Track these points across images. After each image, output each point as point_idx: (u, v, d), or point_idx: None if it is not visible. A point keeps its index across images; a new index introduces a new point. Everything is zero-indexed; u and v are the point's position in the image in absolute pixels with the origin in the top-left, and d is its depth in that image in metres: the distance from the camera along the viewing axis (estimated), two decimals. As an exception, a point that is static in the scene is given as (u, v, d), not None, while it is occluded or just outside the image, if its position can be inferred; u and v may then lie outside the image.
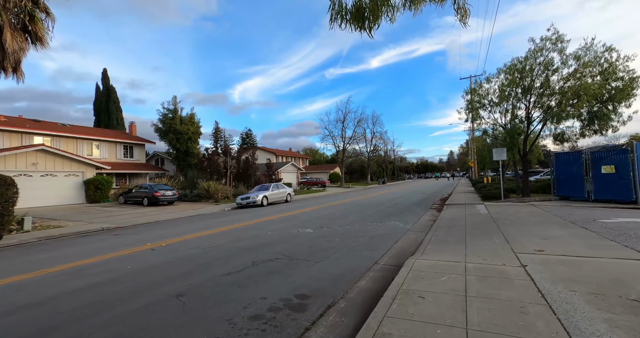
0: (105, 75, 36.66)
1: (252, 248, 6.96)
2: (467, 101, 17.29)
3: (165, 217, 14.62)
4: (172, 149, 30.31)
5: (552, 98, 13.84)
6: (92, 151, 26.32)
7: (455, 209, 13.56)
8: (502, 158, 15.81)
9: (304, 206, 17.66)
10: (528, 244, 6.16)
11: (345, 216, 12.60)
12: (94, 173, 21.40)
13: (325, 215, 13.26)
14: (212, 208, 18.44)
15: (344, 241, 7.58)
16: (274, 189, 20.49)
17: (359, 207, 16.10)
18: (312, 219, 11.85)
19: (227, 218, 13.58)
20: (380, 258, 6.09)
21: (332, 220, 11.60)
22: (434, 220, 10.89)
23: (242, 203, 18.50)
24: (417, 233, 8.71)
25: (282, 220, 12.12)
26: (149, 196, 18.81)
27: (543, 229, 7.66)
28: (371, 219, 11.51)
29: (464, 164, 73.85)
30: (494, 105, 16.55)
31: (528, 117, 15.03)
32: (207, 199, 21.36)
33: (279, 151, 58.74)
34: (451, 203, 15.91)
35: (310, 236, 8.27)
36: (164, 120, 29.71)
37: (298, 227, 9.89)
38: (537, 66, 13.91)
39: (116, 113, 36.31)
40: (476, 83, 16.96)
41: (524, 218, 9.56)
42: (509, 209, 12.19)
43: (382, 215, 12.79)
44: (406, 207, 15.58)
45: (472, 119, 17.68)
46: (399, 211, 13.80)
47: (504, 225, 8.58)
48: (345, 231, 8.97)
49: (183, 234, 9.37)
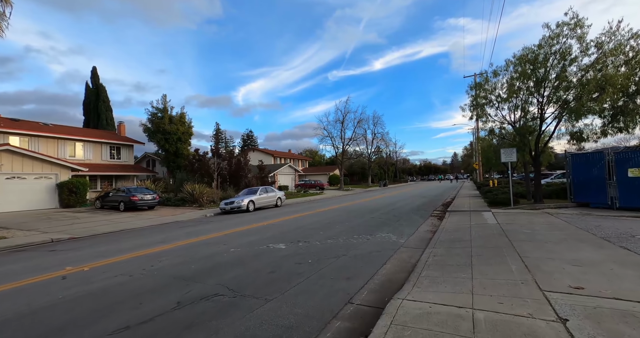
0: (94, 73, 35.35)
1: (194, 276, 5.39)
2: (472, 97, 15.66)
3: (135, 225, 13.14)
4: (161, 150, 28.93)
5: (569, 92, 12.20)
6: (75, 152, 24.97)
7: (458, 217, 11.95)
8: (511, 159, 14.17)
9: (292, 212, 16.11)
10: (558, 274, 4.56)
11: (331, 225, 11.03)
12: (69, 175, 19.97)
13: (310, 223, 11.69)
14: (193, 213, 16.94)
15: (317, 264, 6.01)
16: (262, 193, 18.96)
17: (351, 214, 14.52)
18: (293, 230, 10.29)
19: (199, 227, 12.05)
20: (357, 292, 4.52)
21: (315, 230, 10.03)
22: (434, 232, 9.29)
23: (225, 208, 16.98)
24: (411, 251, 7.12)
25: (258, 230, 10.57)
26: (126, 201, 17.34)
27: (571, 249, 6.04)
28: (361, 229, 9.93)
29: (468, 166, 71.97)
30: (502, 101, 14.92)
31: (541, 114, 13.38)
32: (191, 204, 19.88)
33: (277, 153, 57.31)
34: (454, 210, 14.28)
35: (278, 256, 6.70)
36: (153, 120, 28.34)
37: (270, 241, 8.32)
38: (552, 56, 12.28)
39: (106, 113, 34.95)
40: (482, 77, 15.34)
41: (542, 232, 7.93)
42: (521, 218, 10.56)
43: (375, 223, 11.20)
44: (404, 214, 13.97)
45: (477, 116, 16.05)
46: (394, 219, 12.20)
47: (518, 241, 6.97)
48: (325, 248, 7.41)
49: (130, 250, 7.84)
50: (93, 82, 35.37)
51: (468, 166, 74.03)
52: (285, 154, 58.41)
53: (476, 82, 15.56)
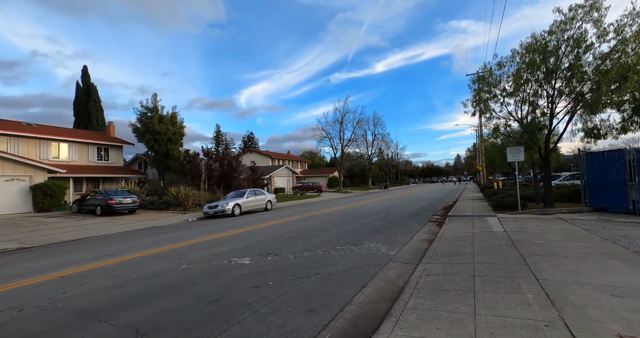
0: (85, 72, 34.35)
1: (106, 310, 4.09)
2: (474, 91, 14.42)
3: (105, 231, 11.98)
4: (150, 151, 27.85)
5: (584, 83, 10.92)
6: (59, 153, 23.92)
7: (460, 223, 10.66)
8: (518, 159, 12.87)
9: (280, 217, 14.88)
10: (595, 310, 3.29)
11: (316, 233, 9.78)
12: (45, 177, 18.85)
13: (293, 230, 10.45)
14: (174, 218, 15.76)
15: (279, 287, 4.77)
16: (249, 195, 17.75)
17: (343, 219, 13.26)
18: (271, 238, 9.05)
19: (170, 234, 10.86)
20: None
21: (295, 239, 8.79)
22: (431, 241, 8.02)
23: (209, 212, 15.78)
24: (401, 267, 5.87)
25: (232, 238, 9.34)
26: (102, 205, 16.17)
27: (602, 268, 4.76)
28: (348, 238, 8.68)
29: (471, 168, 70.43)
30: (508, 95, 13.66)
31: (551, 109, 12.10)
32: (175, 208, 18.70)
33: (275, 154, 56.16)
34: (455, 214, 12.99)
35: (236, 275, 5.46)
36: (142, 119, 27.29)
37: (237, 254, 7.07)
38: (564, 42, 11.02)
39: (97, 113, 33.92)
40: (485, 69, 14.08)
41: (559, 243, 6.64)
42: (531, 225, 9.26)
43: (366, 231, 9.95)
44: (400, 219, 12.69)
45: (480, 112, 14.78)
46: (388, 226, 10.93)
47: (532, 256, 5.69)
48: (297, 263, 6.16)
49: (65, 266, 6.62)
50: (84, 82, 34.35)
51: (471, 167, 72.48)
52: (284, 156, 57.26)
53: (479, 76, 14.30)
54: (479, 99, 14.33)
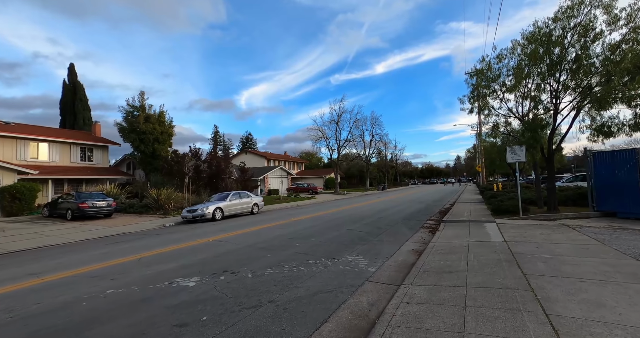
0: (72, 70, 33.26)
1: None
2: (472, 86, 13.37)
3: (67, 239, 10.95)
4: (136, 152, 26.80)
5: (592, 75, 9.87)
6: (39, 153, 22.85)
7: (455, 230, 9.60)
8: (519, 159, 11.80)
9: (262, 222, 13.84)
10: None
11: (291, 242, 8.73)
12: (14, 178, 17.78)
13: (267, 239, 9.39)
14: (150, 223, 14.71)
15: (212, 325, 3.72)
16: (233, 198, 16.69)
17: (328, 224, 12.21)
18: (236, 250, 7.96)
19: (134, 243, 9.81)
20: None
21: (264, 251, 7.74)
22: (420, 253, 6.97)
23: (187, 216, 14.73)
24: (379, 290, 4.82)
25: (192, 250, 8.28)
26: (73, 208, 15.09)
27: (628, 297, 3.71)
28: (326, 249, 7.63)
29: (471, 169, 69.34)
30: (508, 90, 12.63)
31: (555, 104, 11.06)
32: (155, 211, 17.64)
33: (271, 155, 55.13)
34: (451, 219, 11.93)
35: (163, 307, 4.35)
36: (128, 118, 26.24)
37: (184, 273, 5.95)
38: (570, 31, 9.99)
39: (83, 112, 32.81)
40: (483, 62, 13.04)
41: (569, 259, 5.59)
42: (534, 233, 8.20)
43: (349, 239, 8.90)
44: (391, 225, 11.64)
45: (479, 109, 13.77)
46: (376, 233, 9.88)
47: (538, 277, 4.64)
48: (252, 285, 5.11)
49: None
50: (70, 80, 33.25)
51: (471, 168, 71.43)
52: (280, 157, 56.21)
53: (477, 70, 13.26)
54: (477, 95, 13.30)
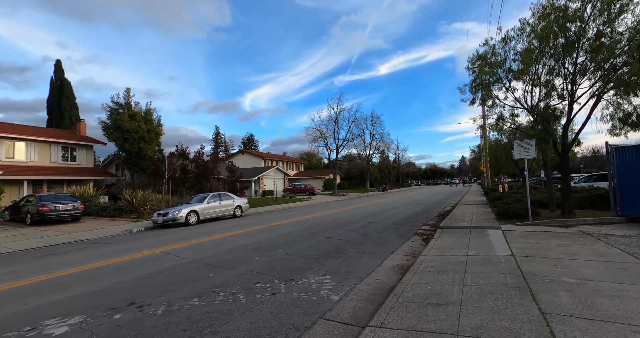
0: (58, 67, 32.10)
1: None
2: (474, 73, 11.81)
3: (9, 248, 9.59)
4: (121, 151, 25.53)
5: (617, 55, 8.28)
6: (14, 152, 21.63)
7: (452, 238, 8.05)
8: (528, 155, 10.20)
9: (238, 227, 12.41)
10: None
11: (251, 256, 7.26)
12: (-23, 179, 16.63)
13: (222, 252, 7.92)
14: (118, 227, 13.34)
15: None
16: (212, 200, 15.26)
17: (308, 230, 10.72)
18: (172, 268, 6.45)
19: (63, 257, 8.42)
20: None
21: (208, 269, 6.27)
22: (405, 271, 5.45)
23: (158, 220, 13.33)
24: (334, 335, 3.31)
25: (116, 269, 6.82)
26: (33, 212, 13.77)
27: None
28: (288, 265, 6.15)
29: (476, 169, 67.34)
30: (515, 77, 11.06)
31: (571, 91, 9.47)
32: (129, 214, 16.28)
33: (269, 155, 53.76)
34: (450, 225, 10.35)
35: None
36: (112, 116, 24.98)
37: (72, 308, 4.37)
38: (590, 3, 8.42)
39: (70, 111, 31.59)
40: (487, 46, 11.48)
41: (604, 286, 4.03)
42: (549, 245, 6.64)
43: (323, 251, 7.41)
44: (380, 231, 10.11)
45: (482, 100, 12.17)
46: (359, 242, 8.37)
47: (565, 320, 3.09)
48: (150, 330, 3.64)
49: None
50: (57, 77, 32.09)
51: (475, 169, 69.39)
52: (278, 157, 54.81)
53: (479, 55, 11.69)
54: (479, 84, 11.75)
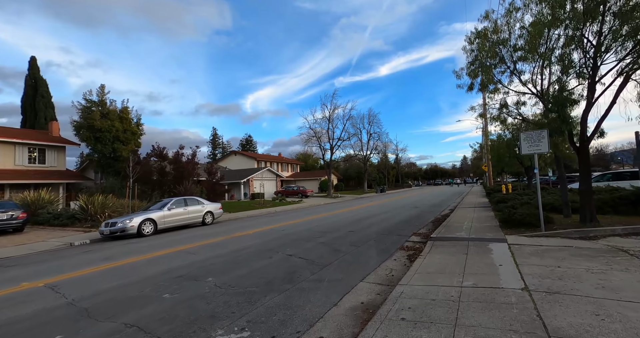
0: (33, 64, 30.30)
1: None
2: (472, 53, 9.90)
3: None
4: (93, 152, 23.74)
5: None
6: (-28, 154, 19.93)
7: (445, 256, 6.12)
8: (539, 149, 8.25)
9: (190, 239, 10.57)
10: None
11: (164, 289, 5.39)
12: None
13: (140, 279, 6.06)
14: (59, 240, 11.52)
15: None
16: (175, 206, 13.37)
17: (269, 244, 8.81)
18: (31, 316, 4.63)
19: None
20: None
21: (76, 321, 4.40)
22: (367, 319, 3.54)
23: (104, 231, 11.47)
24: None
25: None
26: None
27: None
28: (200, 310, 4.27)
29: (477, 169, 65.25)
30: (522, 57, 9.18)
31: (594, 67, 7.55)
32: (83, 223, 14.42)
33: (262, 156, 51.93)
34: (444, 236, 8.40)
35: None
36: (85, 114, 23.20)
37: None
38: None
39: (45, 110, 29.77)
40: (487, 20, 9.57)
41: None
42: (577, 271, 4.70)
43: (271, 276, 5.52)
44: (357, 244, 8.19)
45: (482, 85, 10.25)
46: (324, 262, 6.46)
47: None
48: None
49: None
50: (31, 75, 30.34)
51: (477, 169, 67.31)
52: (272, 158, 52.95)
53: (478, 31, 9.78)
54: (479, 66, 9.85)
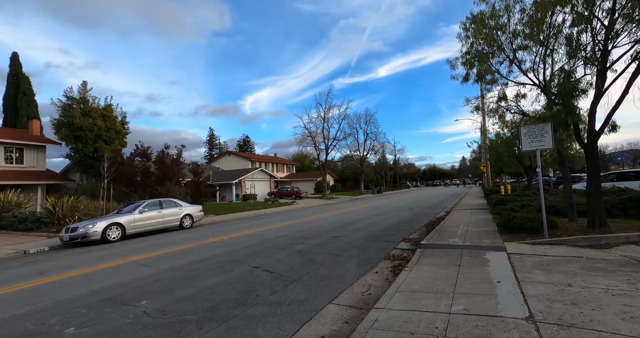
0: (15, 60, 29.13)
1: None
2: (468, 40, 8.97)
3: None
4: (73, 151, 22.67)
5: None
6: (-58, 154, 18.87)
7: (433, 269, 5.16)
8: (542, 145, 7.30)
9: (171, 244, 9.61)
10: None
11: (63, 325, 4.42)
12: None
13: (46, 307, 5.10)
14: (18, 246, 10.56)
15: None
16: (148, 209, 12.38)
17: (240, 252, 7.85)
18: None
19: None
20: None
21: None
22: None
23: (64, 237, 10.49)
24: None
25: None
26: None
27: None
28: None
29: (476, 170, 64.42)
30: (522, 46, 8.27)
31: (604, 50, 6.63)
32: (50, 227, 13.40)
33: (256, 157, 50.93)
34: (436, 243, 7.44)
35: None
36: (65, 112, 22.15)
37: None
38: None
39: (27, 108, 28.63)
40: (485, 3, 8.65)
41: None
42: (594, 293, 3.72)
43: (222, 298, 4.57)
44: (337, 253, 7.22)
45: (478, 76, 9.30)
46: (295, 275, 5.50)
47: None
48: None
49: None
50: (13, 72, 29.22)
51: (476, 170, 66.48)
52: (266, 159, 51.93)
53: (473, 16, 8.84)
54: (476, 54, 8.92)
